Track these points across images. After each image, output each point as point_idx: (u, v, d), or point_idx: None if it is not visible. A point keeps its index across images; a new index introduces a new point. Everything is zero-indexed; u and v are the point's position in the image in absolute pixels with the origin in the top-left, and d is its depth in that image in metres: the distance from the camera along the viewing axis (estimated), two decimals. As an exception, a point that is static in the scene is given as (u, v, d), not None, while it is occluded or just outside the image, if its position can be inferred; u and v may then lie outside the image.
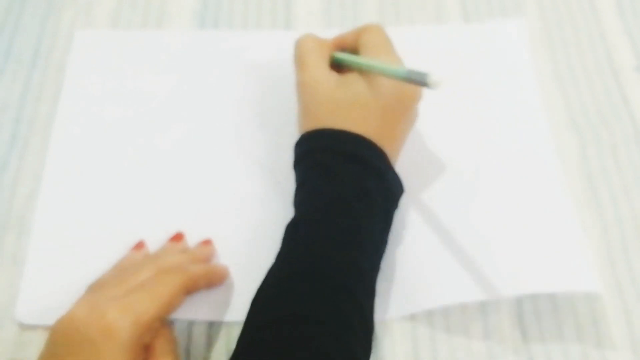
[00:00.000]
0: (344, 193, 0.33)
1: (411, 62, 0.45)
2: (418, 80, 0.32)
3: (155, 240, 0.38)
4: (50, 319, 0.31)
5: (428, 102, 0.44)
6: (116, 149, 0.42)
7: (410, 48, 0.46)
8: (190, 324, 0.36)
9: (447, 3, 0.49)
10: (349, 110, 0.35)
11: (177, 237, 0.38)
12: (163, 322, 0.32)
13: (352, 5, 0.48)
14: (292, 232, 0.33)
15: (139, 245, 0.38)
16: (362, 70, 0.36)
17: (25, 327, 0.36)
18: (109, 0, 0.48)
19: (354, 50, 0.38)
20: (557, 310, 0.37)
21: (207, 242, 0.38)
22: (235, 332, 0.35)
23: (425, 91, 0.36)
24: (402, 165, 0.41)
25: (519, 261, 0.37)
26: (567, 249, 0.37)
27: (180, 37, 0.47)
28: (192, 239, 0.38)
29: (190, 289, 0.33)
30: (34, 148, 0.42)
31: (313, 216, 0.33)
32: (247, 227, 0.39)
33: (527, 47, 0.46)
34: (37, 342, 0.35)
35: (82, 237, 0.38)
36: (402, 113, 0.36)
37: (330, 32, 0.40)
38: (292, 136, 0.37)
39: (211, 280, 0.36)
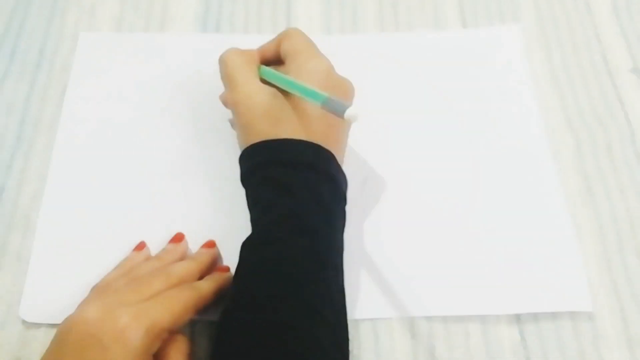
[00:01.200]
0: (298, 205, 0.32)
1: (410, 67, 0.46)
2: (335, 111, 0.31)
3: (158, 240, 0.38)
4: (54, 318, 0.31)
5: (424, 108, 0.45)
6: (120, 150, 0.42)
7: (409, 53, 0.47)
8: (193, 323, 0.36)
9: (445, 8, 0.49)
10: (289, 118, 0.34)
11: (178, 238, 0.38)
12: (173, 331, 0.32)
13: (352, 11, 0.49)
14: (250, 254, 0.33)
15: (140, 246, 0.38)
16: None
17: (29, 325, 0.36)
18: (113, 3, 0.49)
19: (277, 59, 0.37)
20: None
21: (210, 244, 0.38)
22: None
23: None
24: (399, 172, 0.41)
25: (514, 279, 0.37)
26: (563, 267, 0.38)
27: (182, 40, 0.47)
28: (194, 240, 0.38)
29: (201, 306, 0.33)
30: (38, 149, 0.42)
31: (269, 236, 0.32)
32: (247, 228, 0.39)
33: (523, 53, 0.47)
34: (41, 340, 0.35)
35: (85, 236, 0.39)
36: (338, 121, 0.35)
37: (251, 40, 0.39)
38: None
39: (219, 294, 0.36)
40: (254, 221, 0.34)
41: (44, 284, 0.37)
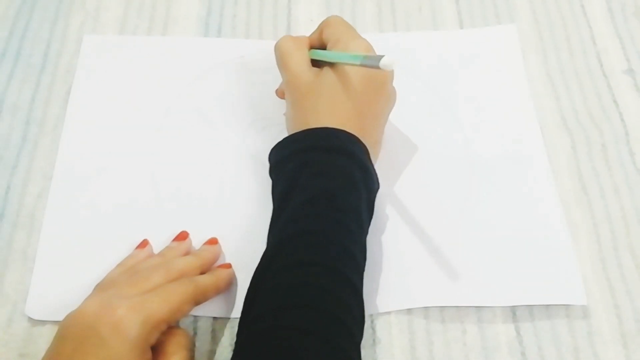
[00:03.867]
0: (333, 186, 0.34)
1: (407, 66, 0.47)
2: (372, 64, 0.33)
3: (161, 239, 0.39)
4: (60, 315, 0.31)
5: (421, 107, 0.45)
6: (123, 150, 0.43)
7: (406, 54, 0.47)
8: (196, 319, 0.37)
9: (442, 9, 0.50)
10: (328, 100, 0.36)
11: (182, 236, 0.39)
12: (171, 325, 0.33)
13: (351, 13, 0.50)
14: (281, 231, 0.33)
15: (143, 244, 0.38)
16: (331, 63, 0.37)
17: (35, 323, 0.36)
18: (117, 6, 0.49)
19: (322, 46, 0.39)
20: (549, 305, 0.37)
21: (213, 242, 0.38)
22: (239, 328, 0.36)
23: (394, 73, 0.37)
24: (398, 169, 0.42)
25: (510, 273, 0.38)
26: (557, 261, 0.38)
27: (185, 42, 0.48)
28: (197, 238, 0.39)
29: (200, 299, 0.34)
30: (43, 149, 0.43)
31: (301, 212, 0.33)
32: (250, 225, 0.40)
33: (519, 52, 0.47)
34: (47, 337, 0.36)
35: (90, 235, 0.39)
36: (376, 95, 0.37)
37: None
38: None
39: (219, 288, 0.36)
40: (282, 206, 0.34)
41: (49, 282, 0.38)
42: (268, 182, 0.42)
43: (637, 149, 0.43)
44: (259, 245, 0.39)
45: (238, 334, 0.31)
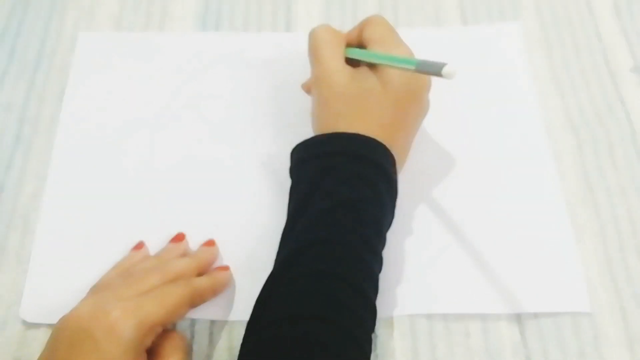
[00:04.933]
0: (358, 197, 0.33)
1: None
2: (431, 71, 0.32)
3: (158, 240, 0.38)
4: (54, 318, 0.31)
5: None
6: (119, 150, 0.42)
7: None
8: (193, 322, 0.36)
9: (445, 6, 0.49)
10: (362, 104, 0.35)
11: (179, 238, 0.38)
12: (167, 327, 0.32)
13: (352, 8, 0.49)
14: (304, 233, 0.33)
15: (139, 246, 0.38)
16: (373, 64, 0.36)
17: (29, 326, 0.36)
18: (112, 2, 0.49)
19: (360, 45, 0.38)
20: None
21: (210, 243, 0.38)
22: (237, 331, 0.36)
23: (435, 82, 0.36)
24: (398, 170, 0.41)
25: (513, 281, 0.37)
26: (562, 268, 0.38)
27: (182, 39, 0.47)
28: (194, 240, 0.38)
29: (196, 302, 0.34)
30: (38, 148, 0.42)
31: (323, 219, 0.33)
32: (248, 227, 0.39)
33: (523, 50, 0.47)
34: (41, 340, 0.36)
35: (85, 236, 0.39)
36: (413, 104, 0.36)
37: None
38: (293, 137, 0.37)
39: (216, 290, 0.36)
40: (302, 207, 0.34)
41: (43, 284, 0.37)
42: (267, 182, 0.41)
43: (644, 148, 0.43)
44: (256, 248, 0.38)
45: (246, 337, 0.31)
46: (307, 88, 0.40)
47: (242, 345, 0.31)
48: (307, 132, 0.37)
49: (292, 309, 0.30)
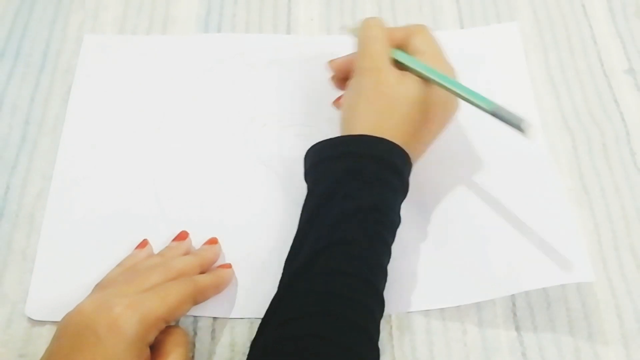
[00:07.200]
0: (381, 201, 0.33)
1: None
2: (510, 122, 0.31)
3: (161, 239, 0.39)
4: (59, 315, 0.31)
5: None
6: (123, 150, 0.43)
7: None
8: (196, 319, 0.37)
9: (443, 9, 0.50)
10: (406, 114, 0.34)
11: (182, 236, 0.39)
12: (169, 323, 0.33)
13: (351, 12, 0.49)
14: (327, 232, 0.32)
15: (143, 244, 0.38)
16: (423, 77, 0.35)
17: (34, 323, 0.36)
18: (116, 5, 0.49)
19: (401, 48, 0.37)
20: (550, 305, 0.37)
21: (212, 241, 0.38)
22: (239, 328, 0.36)
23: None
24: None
25: (514, 259, 0.38)
26: (562, 242, 0.38)
27: (184, 41, 0.48)
28: (197, 238, 0.39)
29: (199, 299, 0.34)
30: (43, 149, 0.43)
31: (351, 220, 0.33)
32: (250, 226, 0.40)
33: (521, 51, 0.47)
34: (46, 337, 0.36)
35: (90, 235, 0.39)
36: (443, 123, 0.37)
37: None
38: (294, 137, 0.38)
39: (218, 288, 0.36)
40: (323, 205, 0.33)
41: (49, 283, 0.38)
42: (269, 182, 0.42)
43: (638, 148, 0.43)
44: (258, 246, 0.39)
45: (260, 332, 0.31)
46: (338, 104, 0.39)
47: (256, 339, 0.31)
48: (307, 132, 0.38)
49: (311, 308, 0.30)
